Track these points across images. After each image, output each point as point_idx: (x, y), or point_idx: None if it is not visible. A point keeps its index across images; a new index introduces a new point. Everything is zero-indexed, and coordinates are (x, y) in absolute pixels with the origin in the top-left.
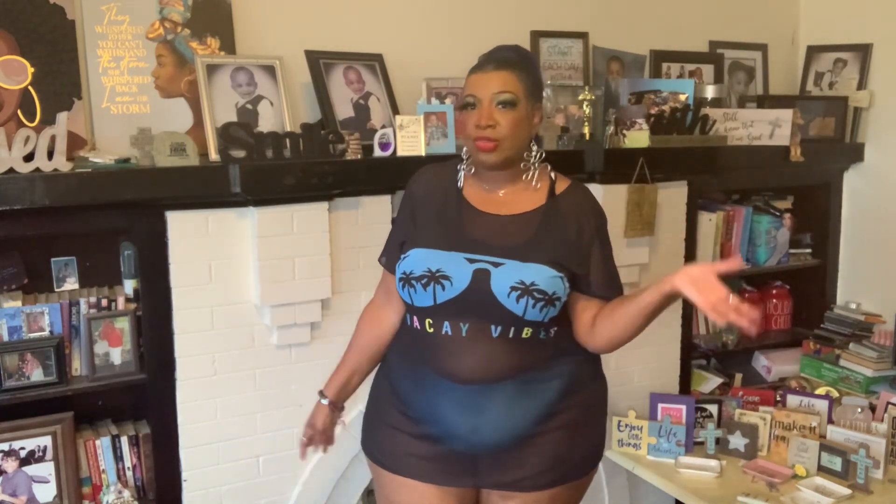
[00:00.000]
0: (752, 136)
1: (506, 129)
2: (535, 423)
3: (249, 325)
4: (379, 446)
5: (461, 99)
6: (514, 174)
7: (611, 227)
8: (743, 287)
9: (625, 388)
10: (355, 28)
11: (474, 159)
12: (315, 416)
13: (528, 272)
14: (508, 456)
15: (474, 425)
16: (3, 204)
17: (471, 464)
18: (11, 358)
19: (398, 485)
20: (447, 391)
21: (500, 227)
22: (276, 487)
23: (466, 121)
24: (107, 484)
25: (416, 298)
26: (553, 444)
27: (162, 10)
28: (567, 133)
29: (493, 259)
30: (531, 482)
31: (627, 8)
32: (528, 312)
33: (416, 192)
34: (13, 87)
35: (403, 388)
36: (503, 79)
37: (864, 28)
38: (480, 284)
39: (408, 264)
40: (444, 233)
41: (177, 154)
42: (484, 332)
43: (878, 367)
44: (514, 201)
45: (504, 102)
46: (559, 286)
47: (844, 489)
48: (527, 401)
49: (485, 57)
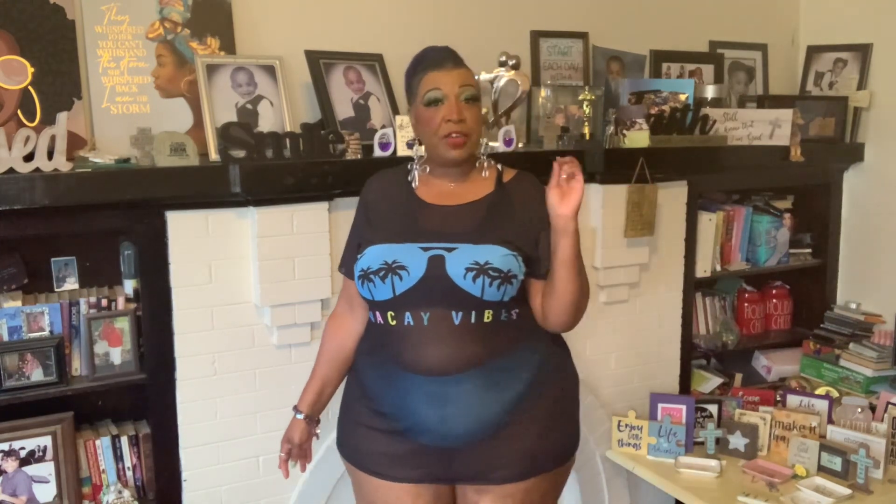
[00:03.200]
0: (752, 136)
1: (473, 123)
2: (505, 413)
3: (249, 325)
4: (354, 447)
5: (419, 97)
6: (468, 167)
7: (611, 227)
8: (743, 287)
9: (625, 388)
10: (355, 28)
11: (439, 157)
12: (291, 430)
13: (481, 253)
14: (481, 449)
15: (443, 417)
16: (3, 204)
17: (444, 459)
18: (11, 358)
19: (375, 485)
20: (415, 384)
21: (451, 216)
22: (276, 487)
23: (432, 117)
24: (107, 484)
25: (376, 292)
26: (525, 435)
27: (162, 10)
28: (567, 133)
29: (446, 245)
30: (505, 474)
31: (627, 8)
32: (486, 292)
33: (368, 197)
34: (13, 87)
35: (373, 386)
36: (465, 75)
37: (864, 28)
38: (436, 270)
39: (365, 261)
40: (398, 228)
41: (177, 154)
42: (445, 319)
43: (878, 367)
44: (465, 192)
45: (470, 97)
46: (514, 264)
47: (844, 489)
48: (495, 391)
49: (433, 55)
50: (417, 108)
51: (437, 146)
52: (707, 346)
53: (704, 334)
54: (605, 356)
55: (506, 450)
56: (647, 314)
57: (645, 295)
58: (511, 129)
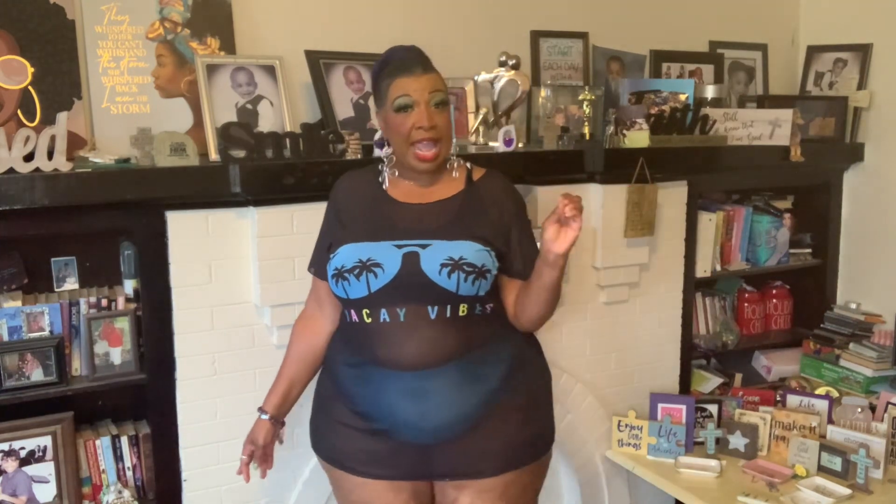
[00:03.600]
0: (752, 136)
1: (444, 129)
2: (482, 407)
3: (249, 325)
4: (331, 446)
5: (388, 102)
6: (440, 168)
7: (611, 227)
8: (743, 287)
9: (625, 388)
10: (355, 28)
11: (410, 162)
12: (256, 432)
13: (455, 249)
14: (458, 444)
15: (422, 412)
16: (3, 204)
17: (423, 456)
18: (11, 358)
19: (354, 483)
20: (392, 380)
21: (423, 214)
22: (276, 487)
23: (402, 123)
24: (107, 484)
25: (351, 290)
26: (501, 428)
27: (162, 10)
28: (567, 133)
29: (420, 242)
30: (483, 467)
31: (627, 8)
32: (461, 287)
33: (338, 198)
34: (13, 87)
35: (348, 384)
36: (434, 80)
37: (864, 28)
38: (411, 267)
39: (338, 260)
40: (371, 226)
41: (177, 154)
42: (421, 314)
43: (878, 367)
44: (436, 191)
45: (440, 102)
46: (487, 259)
47: (844, 489)
48: (471, 384)
49: (401, 59)
50: (387, 113)
51: (407, 154)
52: (707, 346)
53: (704, 334)
54: (605, 356)
55: (483, 443)
56: (647, 314)
57: (645, 295)
58: (511, 129)
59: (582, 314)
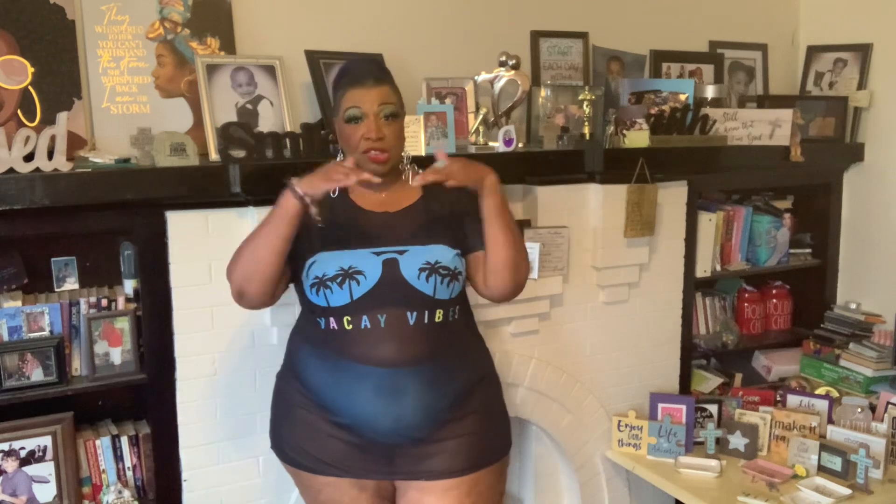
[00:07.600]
0: (752, 136)
1: (393, 140)
2: (448, 409)
3: (249, 325)
4: (296, 449)
5: (340, 112)
6: (395, 177)
7: (611, 227)
8: (743, 287)
9: (625, 388)
10: (355, 28)
11: (367, 166)
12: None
13: (431, 253)
14: (424, 446)
15: (394, 409)
16: (3, 204)
17: (387, 455)
18: (11, 358)
19: (321, 483)
20: (368, 376)
21: (392, 222)
22: (276, 487)
23: (352, 134)
24: (107, 484)
25: (333, 298)
26: (466, 429)
27: (162, 10)
28: (567, 133)
29: (396, 248)
30: (447, 467)
31: (627, 8)
32: (438, 290)
33: None
34: (13, 87)
35: (318, 384)
36: (385, 92)
37: (864, 28)
38: (392, 273)
39: (319, 268)
40: (345, 234)
41: (177, 154)
42: (401, 320)
43: (878, 367)
44: (396, 199)
45: (390, 115)
46: (458, 262)
47: (844, 489)
48: (443, 385)
49: (355, 71)
50: (339, 123)
51: (361, 161)
52: (707, 346)
53: (704, 334)
54: (605, 356)
55: (448, 444)
56: (647, 314)
57: (645, 295)
58: (511, 129)
59: (582, 314)
